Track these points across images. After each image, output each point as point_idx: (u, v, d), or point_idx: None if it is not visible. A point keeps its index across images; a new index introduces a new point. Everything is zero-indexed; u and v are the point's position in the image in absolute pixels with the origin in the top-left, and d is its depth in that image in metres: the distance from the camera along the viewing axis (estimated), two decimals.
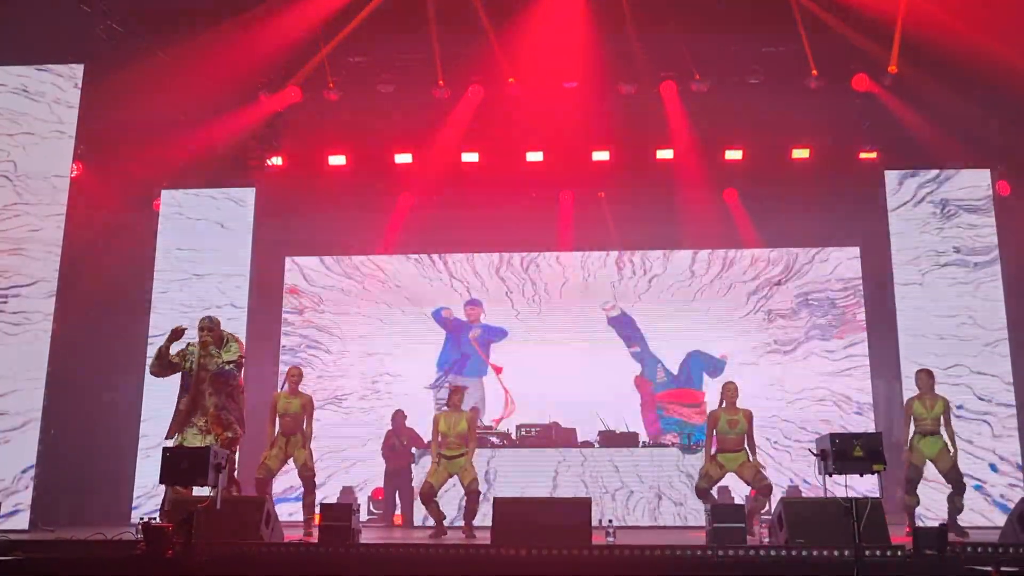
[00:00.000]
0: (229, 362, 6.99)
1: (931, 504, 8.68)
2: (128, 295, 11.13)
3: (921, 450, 8.07)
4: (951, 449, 8.00)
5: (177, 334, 6.83)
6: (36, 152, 9.84)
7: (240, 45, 10.05)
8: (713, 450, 8.17)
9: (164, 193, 11.31)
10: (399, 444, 10.47)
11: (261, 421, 8.53)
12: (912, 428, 8.16)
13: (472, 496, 8.26)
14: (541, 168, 11.44)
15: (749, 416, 8.15)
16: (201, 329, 7.04)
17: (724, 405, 8.21)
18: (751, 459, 8.07)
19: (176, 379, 7.13)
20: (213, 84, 10.17)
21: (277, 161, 11.49)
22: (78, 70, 9.98)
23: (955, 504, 7.97)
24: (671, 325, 11.84)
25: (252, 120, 11.06)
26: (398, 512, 10.34)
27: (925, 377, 8.26)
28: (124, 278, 11.17)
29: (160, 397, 10.31)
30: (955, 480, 8.00)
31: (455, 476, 8.42)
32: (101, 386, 10.99)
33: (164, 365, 7.02)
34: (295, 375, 8.48)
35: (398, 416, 10.67)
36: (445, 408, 8.81)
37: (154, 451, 9.37)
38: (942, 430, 8.09)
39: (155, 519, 5.88)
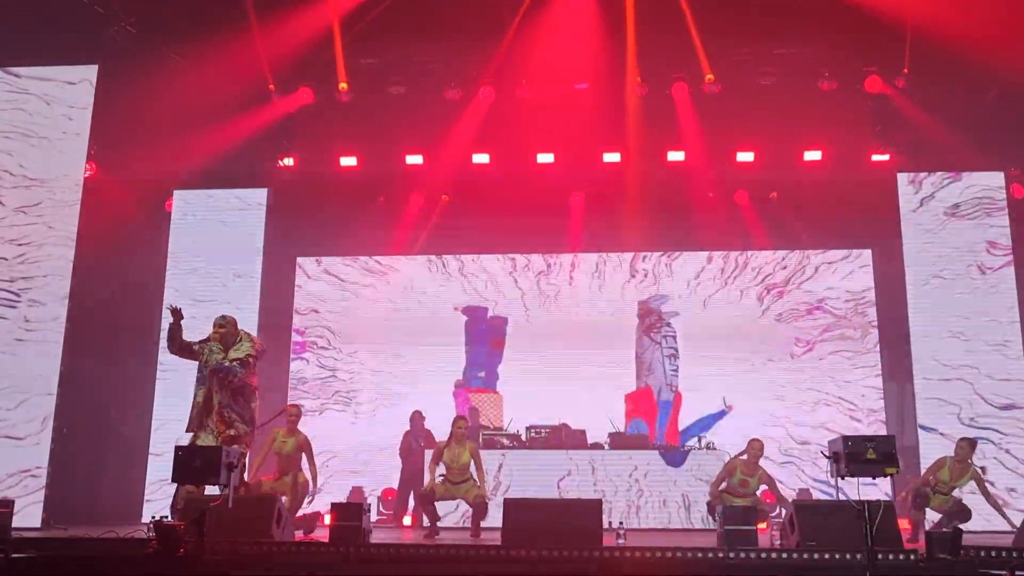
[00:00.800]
0: (234, 359, 6.92)
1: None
2: (140, 294, 11.20)
3: (930, 500, 8.11)
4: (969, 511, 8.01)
5: (174, 313, 6.80)
6: (49, 152, 9.92)
7: (252, 47, 10.11)
8: (722, 487, 8.10)
9: (176, 193, 11.38)
10: (416, 445, 10.44)
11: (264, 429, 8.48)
12: (930, 478, 8.17)
13: (479, 506, 8.32)
14: (552, 170, 11.42)
15: (767, 479, 8.09)
16: (213, 326, 7.03)
17: (746, 458, 8.09)
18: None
19: (189, 375, 7.13)
20: (225, 85, 10.22)
21: (289, 162, 11.53)
22: (92, 71, 10.06)
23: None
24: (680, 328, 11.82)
25: (264, 121, 11.10)
26: (411, 512, 10.31)
27: (966, 447, 8.13)
28: (136, 277, 11.25)
29: (171, 394, 10.42)
30: (958, 512, 8.02)
31: (459, 500, 8.54)
32: (113, 385, 11.03)
33: (176, 347, 6.99)
34: (294, 414, 8.37)
35: (416, 417, 10.65)
36: (452, 442, 8.57)
37: (166, 448, 9.37)
38: (955, 493, 8.13)
39: (167, 517, 5.89)
